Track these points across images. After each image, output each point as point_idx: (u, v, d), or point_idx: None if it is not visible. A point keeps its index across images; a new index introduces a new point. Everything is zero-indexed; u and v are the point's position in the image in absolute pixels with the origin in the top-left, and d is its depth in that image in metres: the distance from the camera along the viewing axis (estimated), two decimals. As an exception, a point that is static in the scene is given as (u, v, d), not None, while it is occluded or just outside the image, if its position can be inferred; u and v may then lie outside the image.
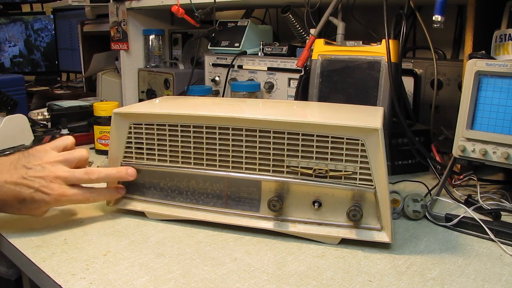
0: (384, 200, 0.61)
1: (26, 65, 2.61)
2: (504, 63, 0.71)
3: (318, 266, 0.58)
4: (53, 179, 0.64)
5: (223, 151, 0.67)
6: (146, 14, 1.56)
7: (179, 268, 0.57)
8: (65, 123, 1.10)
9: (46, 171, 0.64)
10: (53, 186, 0.64)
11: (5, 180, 0.62)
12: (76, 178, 0.66)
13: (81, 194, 0.67)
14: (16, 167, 0.64)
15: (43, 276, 0.56)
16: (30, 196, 0.63)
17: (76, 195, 0.66)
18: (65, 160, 0.66)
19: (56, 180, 0.64)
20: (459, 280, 0.55)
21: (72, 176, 0.66)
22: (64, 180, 0.65)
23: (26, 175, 0.63)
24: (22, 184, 0.63)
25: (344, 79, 0.90)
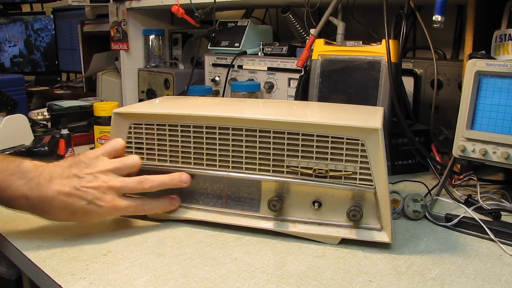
0: (384, 200, 0.61)
1: (26, 65, 2.61)
2: (504, 63, 0.71)
3: (318, 266, 0.58)
4: (106, 190, 0.62)
5: (223, 151, 0.67)
6: (146, 14, 1.56)
7: (179, 268, 0.57)
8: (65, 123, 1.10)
9: (99, 181, 0.62)
10: (106, 198, 0.62)
11: (58, 190, 0.60)
12: (129, 188, 0.64)
13: (133, 207, 0.65)
14: (68, 176, 0.62)
15: (43, 276, 0.56)
16: (83, 208, 0.61)
17: (128, 208, 0.64)
18: (117, 169, 0.64)
19: (109, 191, 0.62)
20: (459, 280, 0.55)
21: (125, 186, 0.64)
22: (117, 190, 0.63)
23: (78, 186, 0.61)
24: (75, 196, 0.61)
25: (344, 79, 0.90)
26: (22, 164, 0.62)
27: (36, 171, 0.61)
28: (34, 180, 0.61)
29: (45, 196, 0.60)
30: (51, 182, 0.61)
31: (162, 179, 0.66)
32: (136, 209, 0.66)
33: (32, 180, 0.60)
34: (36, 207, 0.61)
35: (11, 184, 0.60)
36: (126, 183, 0.64)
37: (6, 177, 0.60)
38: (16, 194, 0.60)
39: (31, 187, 0.60)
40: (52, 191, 0.60)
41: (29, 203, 0.61)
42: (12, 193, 0.60)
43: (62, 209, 0.61)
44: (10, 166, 0.61)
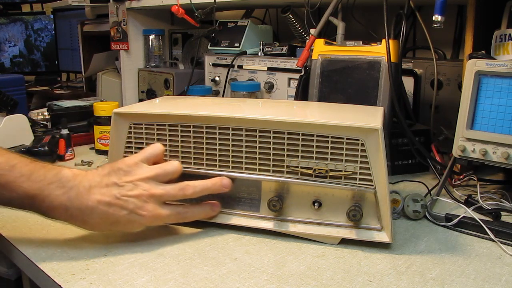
0: (384, 200, 0.61)
1: (26, 65, 2.61)
2: (504, 63, 0.71)
3: (318, 266, 0.58)
4: (147, 198, 0.60)
5: (223, 151, 0.67)
6: (146, 14, 1.56)
7: (179, 268, 0.57)
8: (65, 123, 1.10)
9: (140, 189, 0.60)
10: (147, 207, 0.60)
11: (98, 200, 0.59)
12: (171, 196, 0.62)
13: (175, 215, 0.63)
14: (107, 185, 0.60)
15: (43, 276, 0.56)
16: (124, 218, 0.59)
17: (170, 216, 0.62)
18: (158, 175, 0.62)
19: (150, 199, 0.60)
20: (459, 280, 0.55)
21: (166, 194, 0.61)
22: (158, 198, 0.61)
23: (119, 195, 0.59)
24: (116, 205, 0.59)
25: (344, 79, 0.90)
26: (61, 173, 0.60)
27: (75, 180, 0.59)
28: (73, 190, 0.59)
29: (84, 206, 0.58)
30: (91, 191, 0.59)
31: (203, 185, 0.64)
32: (178, 217, 0.64)
33: (71, 190, 0.59)
34: (76, 218, 0.59)
35: (49, 193, 0.58)
36: (167, 191, 0.61)
37: (44, 186, 0.58)
38: (54, 204, 0.58)
39: (70, 197, 0.58)
40: (92, 201, 0.58)
41: (68, 213, 0.59)
42: (51, 202, 0.58)
43: (102, 220, 0.59)
44: (48, 175, 0.59)
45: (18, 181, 0.58)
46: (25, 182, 0.58)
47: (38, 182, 0.58)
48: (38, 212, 0.60)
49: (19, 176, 0.58)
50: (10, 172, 0.58)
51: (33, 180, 0.58)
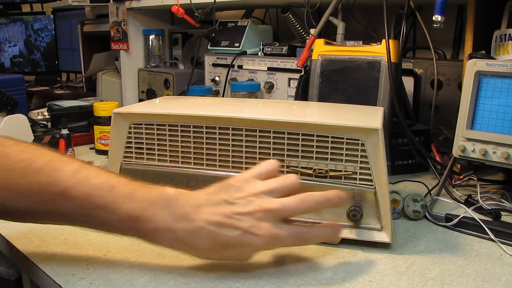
0: (384, 200, 0.61)
1: (26, 65, 2.61)
2: (504, 63, 0.71)
3: (318, 266, 0.58)
4: (262, 215, 0.52)
5: (223, 151, 0.67)
6: (146, 14, 1.56)
7: (179, 268, 0.57)
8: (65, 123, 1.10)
9: (253, 205, 0.52)
10: (263, 225, 0.51)
11: (206, 219, 0.52)
12: (290, 210, 0.53)
13: (295, 236, 0.54)
14: (217, 203, 0.53)
15: (43, 276, 0.56)
16: (236, 240, 0.52)
17: (290, 237, 0.53)
18: (273, 190, 0.54)
19: (265, 216, 0.52)
20: (459, 280, 0.55)
21: (284, 208, 0.53)
22: (275, 214, 0.52)
23: (230, 213, 0.52)
24: (227, 225, 0.51)
25: (344, 79, 0.90)
26: (165, 192, 0.53)
27: (181, 199, 0.53)
28: (179, 210, 0.52)
29: (192, 227, 0.52)
30: (198, 210, 0.52)
31: (326, 196, 0.55)
32: (298, 239, 0.55)
33: (177, 210, 0.52)
34: (182, 241, 0.53)
35: (154, 214, 0.52)
36: (285, 205, 0.53)
37: (148, 206, 0.52)
38: (159, 226, 0.52)
39: (176, 217, 0.52)
40: (200, 221, 0.52)
41: (174, 236, 0.52)
42: (155, 224, 0.52)
43: (212, 242, 0.52)
44: (151, 194, 0.53)
45: (118, 202, 0.52)
46: (126, 203, 0.52)
47: (141, 203, 0.52)
48: (140, 236, 0.54)
49: (119, 197, 0.52)
50: (110, 193, 0.52)
51: (135, 201, 0.52)
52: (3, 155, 0.53)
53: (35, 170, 0.52)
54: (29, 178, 0.52)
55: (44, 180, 0.52)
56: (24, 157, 0.53)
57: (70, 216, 0.53)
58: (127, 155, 0.71)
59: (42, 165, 0.53)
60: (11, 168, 0.52)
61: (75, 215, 0.53)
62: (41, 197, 0.52)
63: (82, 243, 0.63)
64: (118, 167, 0.72)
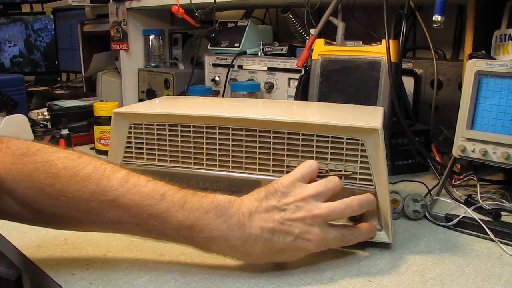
0: (384, 200, 0.61)
1: (26, 65, 2.61)
2: (504, 63, 0.71)
3: (318, 266, 0.58)
4: (312, 220, 0.54)
5: (223, 151, 0.67)
6: (146, 14, 1.56)
7: (179, 268, 0.57)
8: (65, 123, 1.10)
9: (303, 211, 0.54)
10: (313, 230, 0.54)
11: (261, 227, 0.53)
12: (336, 215, 0.56)
13: (341, 238, 0.57)
14: (268, 209, 0.54)
15: (43, 276, 0.56)
16: (289, 245, 0.53)
17: (336, 240, 0.56)
18: (319, 193, 0.56)
19: (314, 221, 0.54)
20: (459, 280, 0.55)
21: (331, 213, 0.55)
22: (324, 219, 0.55)
23: (282, 219, 0.53)
24: (281, 231, 0.53)
25: (344, 79, 0.90)
26: (217, 200, 0.54)
27: (233, 207, 0.54)
28: (233, 218, 0.53)
29: (247, 235, 0.52)
30: (252, 218, 0.53)
31: (367, 199, 0.58)
32: (344, 240, 0.58)
33: (231, 218, 0.53)
34: (237, 249, 0.53)
35: (208, 223, 0.52)
36: (332, 210, 0.55)
37: (201, 215, 0.52)
38: (214, 235, 0.52)
39: (230, 226, 0.52)
40: (254, 228, 0.53)
41: (228, 244, 0.53)
42: (210, 233, 0.52)
43: (266, 249, 0.53)
44: (203, 203, 0.53)
45: (170, 211, 0.52)
46: (179, 212, 0.52)
47: (194, 211, 0.52)
48: (193, 244, 0.54)
49: (172, 206, 0.52)
50: (161, 202, 0.52)
51: (188, 210, 0.52)
52: (46, 162, 0.52)
53: (83, 178, 0.51)
54: (76, 186, 0.51)
55: (92, 188, 0.51)
56: (70, 164, 0.52)
57: (119, 224, 0.53)
58: (127, 155, 0.71)
59: (89, 172, 0.52)
60: (57, 175, 0.51)
61: (125, 223, 0.53)
62: (89, 205, 0.51)
63: (82, 243, 0.63)
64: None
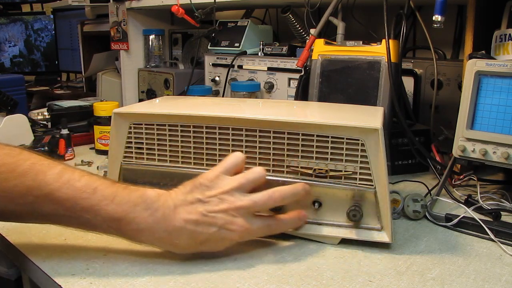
0: (384, 200, 0.61)
1: (26, 65, 2.61)
2: (504, 63, 0.71)
3: (318, 266, 0.58)
4: (235, 212, 0.57)
5: (223, 151, 0.67)
6: (146, 14, 1.56)
7: (179, 268, 0.57)
8: (65, 123, 1.10)
9: (226, 203, 0.57)
10: (237, 221, 0.57)
11: (185, 219, 0.56)
12: (259, 206, 0.58)
13: (265, 227, 0.60)
14: (192, 202, 0.57)
15: (43, 276, 0.56)
16: (213, 235, 0.56)
17: (261, 229, 0.59)
18: (242, 185, 0.58)
19: (238, 212, 0.57)
20: (459, 280, 0.55)
21: (254, 205, 0.58)
22: (247, 210, 0.57)
23: (205, 211, 0.56)
24: (204, 223, 0.56)
25: (344, 79, 0.90)
26: (145, 194, 0.56)
27: (159, 200, 0.56)
28: (159, 211, 0.56)
29: (172, 227, 0.55)
30: (176, 211, 0.56)
31: (292, 190, 0.61)
32: (269, 230, 0.61)
33: (157, 211, 0.56)
34: (163, 240, 0.56)
35: (135, 216, 0.55)
36: (255, 201, 0.58)
37: (130, 208, 0.55)
38: (141, 227, 0.55)
39: (156, 218, 0.55)
40: (178, 221, 0.55)
41: (155, 236, 0.56)
42: (137, 225, 0.55)
43: (191, 239, 0.56)
44: (132, 197, 0.56)
45: (101, 204, 0.55)
46: (109, 205, 0.55)
47: (123, 205, 0.55)
48: (123, 236, 0.57)
49: (103, 199, 0.55)
50: (93, 195, 0.55)
51: (117, 203, 0.55)
52: None
53: (20, 174, 0.54)
54: (14, 182, 0.53)
55: (29, 183, 0.53)
56: (9, 161, 0.54)
57: (54, 217, 0.56)
58: (127, 155, 0.71)
59: (27, 168, 0.54)
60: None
61: (60, 216, 0.55)
62: (26, 200, 0.54)
63: (82, 243, 0.63)
64: (118, 167, 0.72)
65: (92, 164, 1.02)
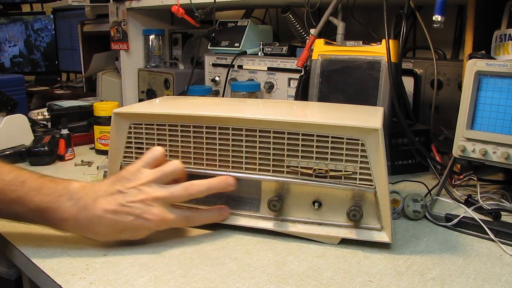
0: (384, 200, 0.61)
1: (26, 65, 2.61)
2: (504, 63, 0.71)
3: (318, 266, 0.58)
4: (151, 201, 0.60)
5: (223, 151, 0.67)
6: (146, 14, 1.56)
7: (179, 268, 0.57)
8: (65, 123, 1.10)
9: (144, 194, 0.60)
10: (153, 211, 0.60)
11: (104, 209, 0.59)
12: (176, 197, 0.62)
13: (182, 218, 0.63)
14: (112, 193, 0.60)
15: (43, 276, 0.56)
16: (130, 224, 0.60)
17: (177, 220, 0.62)
18: (159, 178, 0.62)
19: (154, 202, 0.60)
20: (459, 280, 0.55)
21: (171, 196, 0.62)
22: (164, 201, 0.61)
23: (124, 201, 0.60)
24: (122, 212, 0.59)
25: (344, 79, 0.90)
26: (70, 186, 0.61)
27: (82, 191, 0.60)
28: (81, 201, 0.60)
29: (92, 216, 0.59)
30: (97, 201, 0.60)
31: (209, 183, 0.64)
32: (186, 221, 0.64)
33: (80, 201, 0.60)
34: (86, 228, 0.60)
35: (59, 205, 0.59)
36: (171, 192, 0.62)
37: (55, 198, 0.59)
38: (65, 216, 0.59)
39: (79, 208, 0.59)
40: (98, 210, 0.59)
41: (78, 224, 0.60)
42: (61, 214, 0.59)
43: (111, 228, 0.60)
44: (58, 188, 0.60)
45: (29, 195, 0.59)
46: (36, 196, 0.59)
47: (49, 195, 0.59)
48: (50, 225, 0.61)
49: (30, 191, 0.59)
50: (21, 187, 0.59)
51: (44, 194, 0.59)
52: None
53: None
54: None
55: None
56: None
57: None
58: (127, 155, 0.71)
59: None
60: None
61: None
62: None
63: (82, 243, 0.63)
64: (118, 167, 0.72)
65: (92, 164, 1.02)
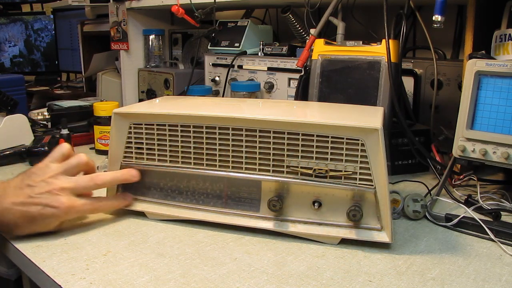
0: (384, 200, 0.61)
1: (26, 65, 2.61)
2: (504, 63, 0.71)
3: (318, 266, 0.58)
4: (58, 191, 0.64)
5: (223, 151, 0.67)
6: (146, 14, 1.56)
7: (179, 268, 0.57)
8: (65, 123, 1.10)
9: (51, 185, 0.64)
10: (60, 199, 0.63)
11: (13, 202, 0.62)
12: (81, 187, 0.66)
13: (89, 204, 0.67)
14: (21, 187, 0.64)
15: (43, 276, 0.56)
16: (39, 213, 0.62)
17: (84, 206, 0.66)
18: (65, 170, 0.66)
19: (62, 192, 0.64)
20: (459, 280, 0.55)
21: (77, 185, 0.66)
22: (70, 190, 0.65)
23: (32, 193, 0.63)
24: (30, 203, 0.62)
25: (344, 79, 0.90)
26: None
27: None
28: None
29: (1, 209, 0.62)
30: (6, 195, 0.63)
31: (113, 175, 0.70)
32: (93, 207, 0.68)
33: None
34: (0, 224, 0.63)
35: None
36: (77, 182, 0.66)
37: None
38: None
39: None
40: (6, 203, 0.62)
41: None
42: None
43: (20, 219, 0.62)
44: None
45: None
46: None
47: None
48: None
49: None
50: None
51: None
52: None
53: None
54: None
55: None
56: None
57: None
58: (127, 155, 0.71)
59: None
60: None
61: None
62: None
63: (82, 243, 0.63)
64: (118, 167, 0.72)
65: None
